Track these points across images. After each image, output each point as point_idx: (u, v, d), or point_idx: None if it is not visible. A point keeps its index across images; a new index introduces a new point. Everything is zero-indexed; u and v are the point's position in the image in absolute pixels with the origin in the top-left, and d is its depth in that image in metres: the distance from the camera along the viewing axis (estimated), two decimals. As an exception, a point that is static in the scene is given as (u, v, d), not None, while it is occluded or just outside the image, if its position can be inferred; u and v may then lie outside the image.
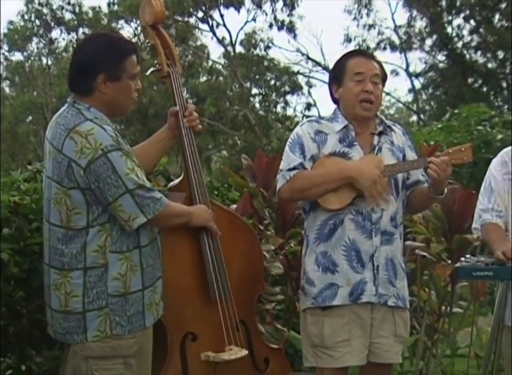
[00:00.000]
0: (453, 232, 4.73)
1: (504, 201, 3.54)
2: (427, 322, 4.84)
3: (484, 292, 5.15)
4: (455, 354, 5.20)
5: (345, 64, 3.40)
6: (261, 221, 4.61)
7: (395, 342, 3.40)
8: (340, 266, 3.30)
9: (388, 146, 3.43)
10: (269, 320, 4.30)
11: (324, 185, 3.28)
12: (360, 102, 3.35)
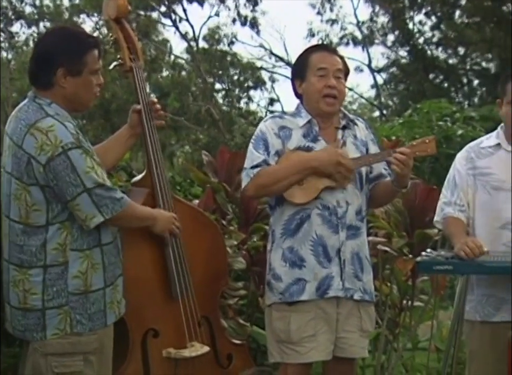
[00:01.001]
0: (414, 227, 4.76)
1: (467, 195, 3.56)
2: (389, 316, 4.87)
3: (445, 286, 5.20)
4: (416, 347, 5.24)
5: (308, 59, 3.40)
6: (224, 216, 4.61)
7: (361, 337, 3.42)
8: (307, 261, 3.31)
9: (352, 140, 3.45)
10: (231, 315, 4.30)
11: (288, 178, 3.29)
12: (324, 97, 3.36)
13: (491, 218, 3.48)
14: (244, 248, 4.51)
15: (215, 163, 4.83)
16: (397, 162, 3.28)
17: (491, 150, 3.57)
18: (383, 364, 4.83)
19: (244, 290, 4.46)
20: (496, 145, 3.56)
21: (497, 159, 3.54)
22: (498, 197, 3.48)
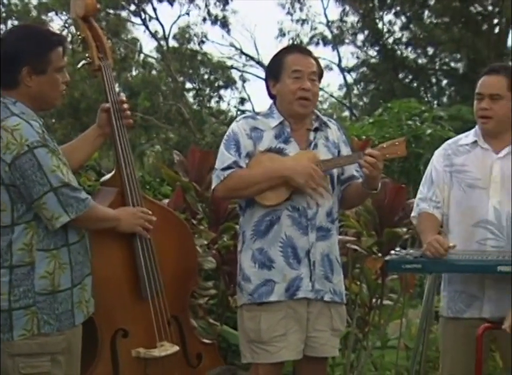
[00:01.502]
0: (383, 226, 4.79)
1: (443, 192, 3.58)
2: (359, 315, 4.90)
3: (414, 284, 5.24)
4: (385, 346, 5.27)
5: (283, 61, 3.40)
6: (194, 216, 4.60)
7: (332, 336, 3.43)
8: (276, 262, 3.31)
9: (324, 141, 3.46)
10: (202, 315, 4.29)
11: (258, 184, 3.29)
12: (298, 100, 3.36)
13: (466, 215, 3.50)
14: (214, 248, 4.50)
15: (185, 162, 4.82)
16: (367, 164, 3.29)
17: (468, 148, 3.58)
18: (353, 362, 4.85)
19: (214, 290, 4.46)
20: (473, 142, 3.57)
21: (473, 156, 3.55)
22: (472, 195, 3.50)
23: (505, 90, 3.45)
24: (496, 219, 3.45)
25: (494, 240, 3.45)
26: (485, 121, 3.49)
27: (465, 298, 3.50)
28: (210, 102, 28.42)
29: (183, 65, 27.11)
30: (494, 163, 3.50)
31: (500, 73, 3.49)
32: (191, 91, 28.46)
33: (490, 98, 3.46)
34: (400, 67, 23.89)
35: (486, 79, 3.50)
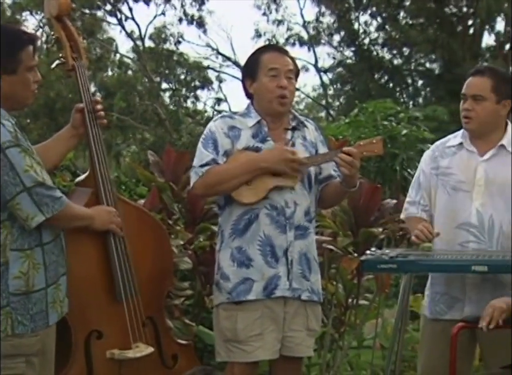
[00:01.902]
0: (359, 226, 4.80)
1: (430, 195, 3.59)
2: (335, 315, 4.90)
3: (389, 284, 5.25)
4: (361, 345, 5.29)
5: (259, 59, 3.40)
6: (170, 216, 4.59)
7: (307, 336, 3.44)
8: (255, 261, 3.32)
9: (301, 141, 3.46)
10: (177, 315, 4.28)
11: (236, 178, 3.29)
12: (276, 98, 3.36)
13: (449, 218, 3.51)
14: (190, 248, 4.49)
15: (161, 163, 4.80)
16: (344, 162, 3.30)
17: (455, 150, 3.58)
18: (329, 362, 4.86)
19: (190, 290, 4.45)
20: (459, 144, 3.57)
21: (459, 159, 3.56)
22: (456, 197, 3.50)
23: (488, 91, 3.45)
24: (478, 221, 3.46)
25: (475, 243, 3.46)
26: (467, 121, 3.50)
27: (447, 300, 3.52)
28: (186, 103, 28.41)
29: (159, 65, 27.06)
30: (478, 166, 3.50)
31: (485, 74, 3.48)
32: (168, 91, 28.43)
33: (473, 99, 3.47)
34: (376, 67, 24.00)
35: (471, 80, 3.51)
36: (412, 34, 22.13)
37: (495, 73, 3.52)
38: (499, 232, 3.44)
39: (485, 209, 3.46)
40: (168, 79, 28.13)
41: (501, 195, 3.46)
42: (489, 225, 3.45)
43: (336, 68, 25.67)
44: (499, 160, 3.50)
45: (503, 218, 3.44)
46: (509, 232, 3.45)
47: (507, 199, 3.45)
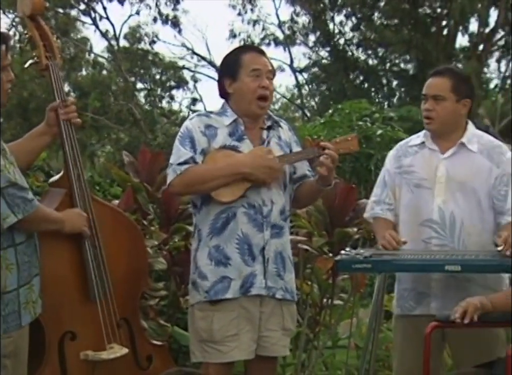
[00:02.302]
0: (334, 226, 4.82)
1: (395, 194, 3.64)
2: (310, 315, 4.92)
3: (364, 284, 5.27)
4: (336, 345, 5.30)
5: (241, 59, 3.40)
6: (145, 216, 4.58)
7: (283, 335, 3.44)
8: (232, 259, 3.32)
9: (277, 140, 3.47)
10: (152, 316, 4.27)
11: (216, 180, 3.29)
12: (258, 99, 3.37)
13: (413, 215, 3.57)
14: (165, 248, 4.49)
15: (136, 163, 4.79)
16: (324, 159, 3.32)
17: (417, 149, 3.64)
18: (304, 362, 4.87)
19: (165, 291, 4.44)
20: (421, 143, 3.64)
21: (420, 157, 3.62)
22: (419, 195, 3.56)
23: (448, 91, 3.52)
24: (440, 218, 3.52)
25: (437, 239, 3.53)
26: (428, 122, 3.57)
27: (414, 296, 3.57)
28: (161, 103, 28.36)
29: (134, 65, 26.98)
30: (440, 164, 3.57)
31: (444, 74, 3.56)
32: (142, 91, 28.35)
33: (433, 99, 3.53)
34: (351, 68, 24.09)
35: (431, 81, 3.58)
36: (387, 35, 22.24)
37: (453, 73, 3.60)
38: (460, 228, 3.51)
39: (447, 205, 3.52)
40: (143, 79, 28.06)
41: (462, 191, 3.53)
42: (451, 221, 3.51)
43: (312, 68, 25.73)
44: (460, 157, 3.57)
45: (464, 214, 3.51)
46: (470, 227, 3.52)
47: (468, 195, 3.53)
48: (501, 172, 3.55)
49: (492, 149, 3.59)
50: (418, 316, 3.53)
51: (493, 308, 3.20)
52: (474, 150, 3.57)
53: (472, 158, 3.56)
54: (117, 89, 26.49)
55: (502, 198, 3.54)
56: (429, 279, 3.52)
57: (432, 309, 3.51)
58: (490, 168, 3.54)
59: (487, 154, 3.57)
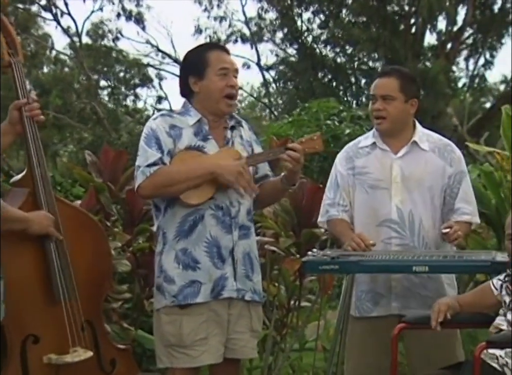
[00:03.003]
0: (301, 226, 4.85)
1: (349, 195, 3.70)
2: (277, 317, 4.94)
3: (332, 285, 5.31)
4: (303, 348, 5.33)
5: (207, 57, 3.40)
6: (108, 217, 4.58)
7: (251, 337, 3.46)
8: (201, 263, 3.31)
9: (239, 140, 3.49)
10: (116, 319, 4.27)
11: (187, 181, 3.28)
12: (224, 98, 3.38)
13: (370, 216, 3.64)
14: (129, 250, 4.49)
15: (98, 162, 4.78)
16: (290, 158, 3.35)
17: (368, 150, 3.72)
18: (271, 365, 4.89)
19: (129, 293, 4.44)
20: (372, 144, 3.72)
21: (374, 158, 3.69)
22: (375, 196, 3.64)
23: (397, 91, 3.61)
24: (398, 217, 3.60)
25: (398, 238, 3.60)
26: (379, 122, 3.65)
27: (372, 297, 3.64)
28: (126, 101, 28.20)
29: (97, 62, 26.81)
30: (394, 163, 3.65)
31: (391, 75, 3.65)
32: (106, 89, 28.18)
33: (382, 99, 3.61)
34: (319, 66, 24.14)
35: (378, 81, 3.66)
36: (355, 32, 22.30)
37: (401, 73, 3.69)
38: (419, 226, 3.60)
39: (404, 205, 3.60)
40: (106, 77, 27.90)
41: (418, 190, 3.61)
42: (410, 220, 3.60)
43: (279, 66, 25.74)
44: (413, 156, 3.66)
45: (422, 213, 3.60)
46: (429, 225, 3.60)
47: (423, 193, 3.61)
48: (455, 170, 3.66)
49: (443, 148, 3.70)
50: (375, 318, 3.60)
51: (460, 308, 3.26)
52: (426, 149, 3.67)
53: (425, 156, 3.66)
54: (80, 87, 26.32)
55: (454, 195, 3.66)
56: (387, 280, 3.59)
57: (393, 309, 3.58)
58: (444, 167, 3.65)
59: (438, 153, 3.67)
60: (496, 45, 24.12)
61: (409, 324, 3.34)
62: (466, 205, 3.64)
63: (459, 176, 3.67)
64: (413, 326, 3.37)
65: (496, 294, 3.28)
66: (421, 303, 3.56)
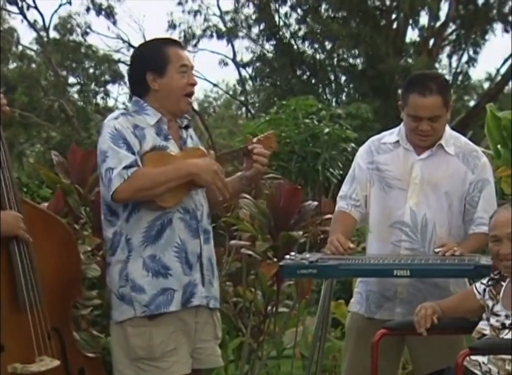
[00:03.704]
0: (279, 229, 4.84)
1: (365, 190, 3.68)
2: (253, 323, 4.94)
3: (310, 290, 5.32)
4: (281, 355, 5.35)
5: (167, 54, 3.37)
6: (77, 220, 4.55)
7: (215, 345, 3.45)
8: (172, 269, 3.28)
9: (190, 140, 3.50)
10: (85, 327, 4.25)
11: (167, 183, 3.23)
12: (185, 96, 3.37)
13: (384, 215, 3.63)
14: (99, 254, 4.46)
15: (66, 163, 4.75)
16: (260, 158, 3.37)
17: (391, 147, 3.69)
18: (247, 373, 4.89)
19: (99, 300, 4.41)
20: (396, 142, 3.69)
21: (396, 156, 3.67)
22: (391, 195, 3.63)
23: (442, 108, 3.55)
24: (411, 220, 3.58)
25: (408, 242, 3.59)
26: (425, 139, 3.59)
27: (378, 299, 3.64)
28: (96, 98, 28.12)
29: (65, 58, 26.70)
30: (415, 164, 3.63)
31: (433, 92, 3.53)
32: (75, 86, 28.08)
33: (430, 120, 3.54)
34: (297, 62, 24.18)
35: (423, 102, 3.52)
36: (334, 28, 22.36)
37: (440, 86, 3.58)
38: (432, 232, 3.58)
39: (419, 208, 3.58)
40: (75, 73, 27.80)
41: (435, 194, 3.60)
42: (423, 224, 3.58)
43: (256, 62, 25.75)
44: (436, 159, 3.63)
45: (437, 218, 3.58)
46: (443, 232, 3.58)
47: (441, 198, 3.59)
48: (476, 177, 3.63)
49: (468, 153, 3.66)
50: (377, 320, 3.59)
51: (442, 313, 3.27)
52: (451, 153, 3.63)
53: (448, 160, 3.63)
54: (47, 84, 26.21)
55: (475, 204, 3.62)
56: (394, 284, 3.58)
57: (396, 314, 3.58)
58: (466, 172, 3.62)
59: (462, 158, 3.64)
60: (480, 41, 24.33)
61: (391, 330, 3.35)
62: (486, 215, 3.53)
63: (480, 184, 3.62)
64: (395, 332, 3.39)
65: (479, 298, 3.29)
66: None
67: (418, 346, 3.59)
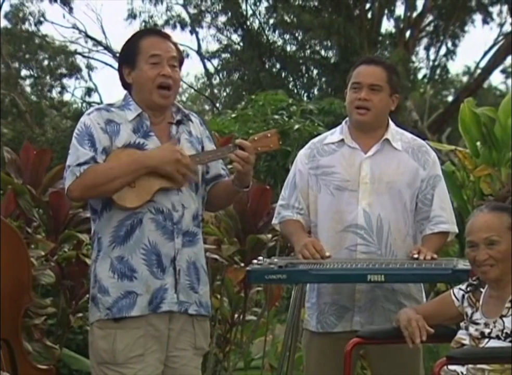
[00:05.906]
0: (246, 232, 4.86)
1: (307, 198, 3.68)
2: (219, 332, 4.93)
3: (280, 297, 5.33)
4: (248, 366, 5.34)
5: (138, 45, 3.38)
6: (29, 223, 4.53)
7: (195, 355, 3.43)
8: (138, 272, 3.28)
9: (187, 136, 3.47)
10: (37, 337, 4.22)
11: (120, 178, 3.24)
12: (158, 89, 3.35)
13: (334, 221, 3.62)
14: (53, 259, 4.45)
15: (18, 161, 4.73)
16: (239, 159, 3.33)
17: (335, 147, 3.69)
18: (213, 385, 4.89)
19: (53, 308, 4.39)
20: (340, 140, 3.69)
21: (341, 156, 3.66)
22: (341, 198, 3.61)
23: (385, 82, 3.60)
24: (365, 222, 3.58)
25: (364, 246, 3.58)
26: (362, 112, 3.60)
27: (336, 310, 3.62)
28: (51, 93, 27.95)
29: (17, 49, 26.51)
30: (363, 163, 3.63)
31: (378, 64, 3.65)
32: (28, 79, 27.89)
33: (370, 88, 3.58)
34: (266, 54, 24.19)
35: (365, 69, 3.63)
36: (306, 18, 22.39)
37: (388, 64, 3.71)
38: (387, 233, 3.59)
39: (373, 208, 3.59)
40: (28, 65, 27.61)
41: (389, 192, 3.61)
42: (378, 226, 3.59)
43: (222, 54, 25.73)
44: (384, 155, 3.65)
45: (392, 218, 3.60)
46: (396, 232, 3.60)
47: (394, 197, 3.61)
48: (428, 174, 3.66)
49: (418, 149, 3.69)
50: (338, 334, 3.58)
51: None
52: (398, 148, 3.65)
53: (397, 156, 3.65)
54: (-2, 77, 26.02)
55: (428, 202, 3.64)
56: (352, 291, 3.58)
57: (355, 324, 3.57)
58: (417, 169, 3.64)
59: (412, 154, 3.66)
60: (459, 32, 24.49)
61: (364, 339, 3.36)
62: (443, 213, 3.62)
63: (432, 181, 3.66)
64: (368, 341, 3.39)
65: (457, 305, 3.30)
66: (383, 319, 3.56)
67: (378, 356, 3.61)
